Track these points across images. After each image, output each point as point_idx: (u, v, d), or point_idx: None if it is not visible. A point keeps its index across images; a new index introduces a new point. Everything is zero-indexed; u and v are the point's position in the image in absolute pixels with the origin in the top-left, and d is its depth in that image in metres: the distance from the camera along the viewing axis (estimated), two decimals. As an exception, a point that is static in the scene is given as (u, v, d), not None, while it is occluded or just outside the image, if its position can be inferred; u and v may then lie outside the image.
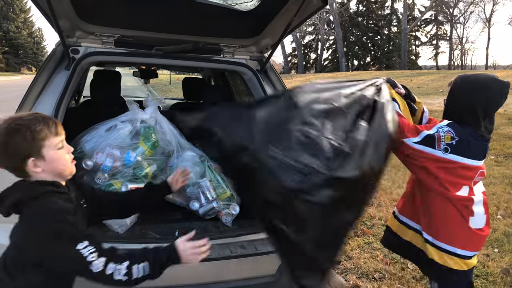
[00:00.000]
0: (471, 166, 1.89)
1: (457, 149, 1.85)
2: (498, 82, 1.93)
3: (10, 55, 54.72)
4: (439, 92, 13.96)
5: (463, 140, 1.86)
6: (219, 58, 2.83)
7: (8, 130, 1.36)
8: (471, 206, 1.91)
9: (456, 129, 1.88)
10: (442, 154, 1.85)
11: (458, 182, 1.90)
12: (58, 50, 2.52)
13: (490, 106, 1.94)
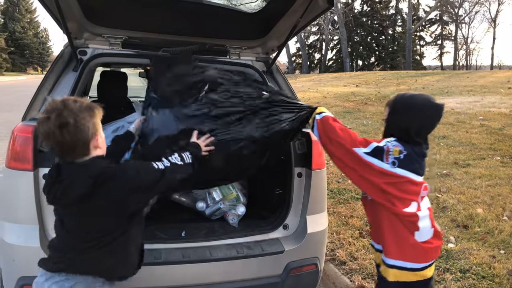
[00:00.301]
0: (417, 181, 1.93)
1: (404, 163, 1.88)
2: (433, 105, 1.97)
3: (16, 55, 55.00)
4: (444, 93, 13.89)
5: (410, 154, 1.89)
6: (226, 59, 2.84)
7: (85, 107, 1.51)
8: (417, 222, 1.92)
9: (403, 144, 1.91)
10: (389, 167, 1.88)
11: (406, 198, 1.92)
12: (66, 51, 2.54)
13: (423, 128, 1.98)
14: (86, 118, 1.50)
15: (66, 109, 1.47)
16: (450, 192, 4.82)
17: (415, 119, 1.93)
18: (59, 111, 1.46)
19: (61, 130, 1.45)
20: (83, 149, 1.53)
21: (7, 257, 2.08)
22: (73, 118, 1.46)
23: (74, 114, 1.47)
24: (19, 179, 2.07)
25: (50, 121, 1.44)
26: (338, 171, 5.86)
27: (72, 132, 1.46)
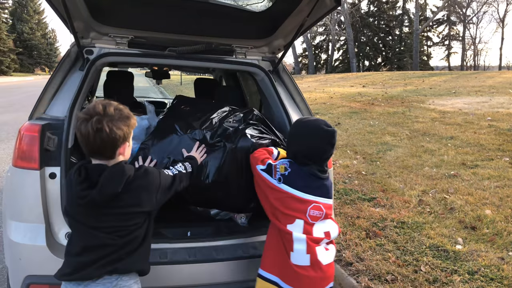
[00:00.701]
0: (301, 198, 1.98)
1: (288, 180, 2.00)
2: (322, 133, 2.03)
3: (24, 56, 55.51)
4: (451, 93, 13.80)
5: (295, 172, 2.01)
6: (232, 59, 2.83)
7: (123, 117, 1.63)
8: (291, 242, 1.94)
9: (292, 164, 2.05)
10: (276, 183, 2.02)
11: (289, 214, 1.97)
12: (72, 51, 2.54)
13: (313, 154, 2.05)
14: (120, 127, 1.61)
15: (106, 116, 1.58)
16: (458, 193, 4.78)
17: (303, 145, 2.06)
18: (99, 116, 1.57)
19: (95, 134, 1.56)
20: (110, 153, 1.64)
21: (14, 256, 2.09)
22: (109, 125, 1.57)
23: (111, 122, 1.58)
24: (25, 178, 2.07)
25: (88, 123, 1.56)
26: (344, 171, 5.85)
27: (105, 138, 1.58)
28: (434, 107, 11.10)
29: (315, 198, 2.00)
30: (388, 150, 7.02)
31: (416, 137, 7.84)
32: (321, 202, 2.01)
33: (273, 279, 1.99)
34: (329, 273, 1.99)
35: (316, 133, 2.04)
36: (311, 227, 1.98)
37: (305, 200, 1.99)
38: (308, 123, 2.13)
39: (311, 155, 2.04)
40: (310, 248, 1.93)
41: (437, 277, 3.08)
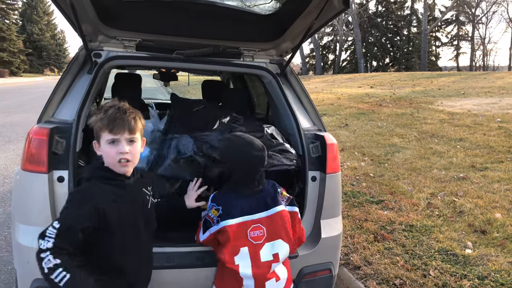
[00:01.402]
0: (239, 223, 1.96)
1: (226, 214, 1.97)
2: (237, 150, 2.03)
3: (34, 57, 56.02)
4: (460, 94, 13.68)
5: (225, 204, 1.99)
6: (239, 62, 2.82)
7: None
8: (241, 280, 1.93)
9: (217, 198, 2.03)
10: (217, 227, 1.98)
11: (234, 245, 1.95)
12: (81, 54, 2.55)
13: (237, 175, 2.03)
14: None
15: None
16: (467, 196, 4.73)
17: (225, 166, 2.09)
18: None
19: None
20: None
21: (22, 259, 2.09)
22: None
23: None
24: (34, 181, 2.07)
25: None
26: (352, 173, 5.81)
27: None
28: (443, 108, 11.01)
29: (251, 217, 1.98)
30: (396, 152, 6.97)
31: (425, 139, 7.78)
32: (259, 218, 1.99)
33: None
34: None
35: (232, 153, 2.05)
36: (257, 250, 1.96)
37: (242, 224, 1.96)
38: (237, 148, 2.07)
39: (234, 172, 2.03)
40: (259, 282, 1.94)
41: (446, 281, 3.05)
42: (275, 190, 2.08)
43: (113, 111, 1.70)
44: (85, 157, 2.46)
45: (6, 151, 7.45)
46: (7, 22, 45.57)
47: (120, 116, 1.69)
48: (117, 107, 1.72)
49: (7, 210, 4.58)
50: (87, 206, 1.60)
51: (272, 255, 1.98)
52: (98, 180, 1.70)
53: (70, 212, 1.60)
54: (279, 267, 2.02)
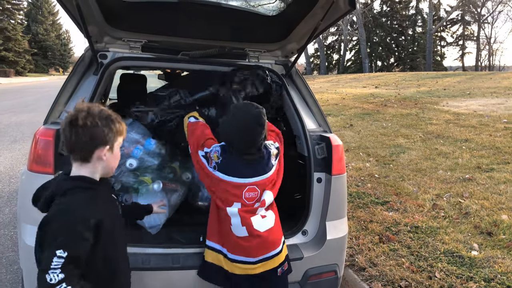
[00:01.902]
0: (235, 183, 2.06)
1: (222, 167, 2.07)
2: (242, 111, 2.11)
3: (39, 57, 56.27)
4: (466, 95, 13.62)
5: (226, 159, 2.08)
6: (245, 62, 2.82)
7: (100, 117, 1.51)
8: (228, 216, 2.05)
9: (223, 149, 2.10)
10: (212, 170, 2.09)
11: (227, 198, 2.06)
12: (86, 55, 2.57)
13: (238, 139, 2.09)
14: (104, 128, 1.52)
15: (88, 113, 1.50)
16: (473, 198, 4.70)
17: (226, 125, 2.15)
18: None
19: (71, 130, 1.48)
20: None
21: (28, 259, 2.10)
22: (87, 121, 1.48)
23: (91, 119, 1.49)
24: (40, 182, 2.07)
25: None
26: (357, 174, 5.80)
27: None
28: (448, 108, 10.96)
29: (249, 180, 2.07)
30: (401, 152, 6.95)
31: (430, 140, 7.75)
32: (257, 182, 2.08)
33: (218, 247, 2.12)
34: (270, 238, 2.08)
35: (236, 112, 2.13)
36: (249, 206, 2.06)
37: (239, 185, 2.06)
38: (236, 105, 2.23)
39: (232, 135, 2.09)
40: (244, 220, 2.03)
41: (452, 284, 3.03)
42: (269, 153, 2.16)
43: (111, 116, 1.57)
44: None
45: (12, 150, 7.49)
46: (12, 22, 45.78)
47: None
48: (108, 113, 1.57)
49: (13, 210, 4.60)
50: (85, 223, 1.44)
51: (260, 202, 2.10)
52: (82, 191, 1.52)
53: (69, 234, 1.40)
54: (268, 211, 2.13)
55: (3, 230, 4.08)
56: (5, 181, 5.67)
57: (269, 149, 2.17)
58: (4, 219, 4.35)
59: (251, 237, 2.04)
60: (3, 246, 3.74)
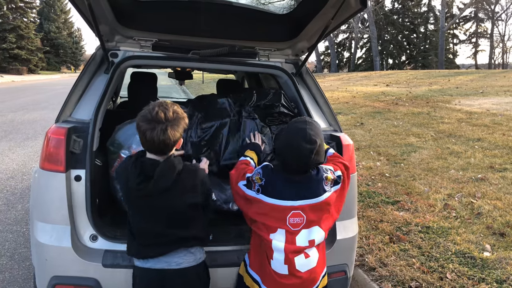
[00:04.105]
0: (279, 206, 1.94)
1: (265, 189, 1.97)
2: (294, 131, 1.97)
3: (51, 55, 56.90)
4: (479, 93, 13.44)
5: (269, 179, 1.98)
6: (255, 61, 2.81)
7: (179, 118, 1.83)
8: (271, 249, 1.94)
9: (266, 170, 2.01)
10: (255, 194, 2.00)
11: (271, 225, 1.95)
12: (98, 54, 2.58)
13: (284, 151, 1.98)
14: (179, 131, 1.83)
15: (168, 121, 1.78)
16: (486, 198, 4.64)
17: (279, 143, 2.07)
18: (162, 125, 1.76)
19: (160, 141, 1.77)
20: (168, 151, 1.86)
21: (40, 256, 2.13)
22: (171, 132, 1.78)
23: (172, 128, 1.79)
24: (52, 180, 2.11)
25: (154, 132, 1.75)
26: (368, 173, 5.76)
27: (168, 142, 1.79)
28: (461, 107, 10.84)
29: (293, 203, 1.93)
30: (412, 151, 6.89)
31: (442, 139, 7.67)
32: (302, 205, 1.94)
33: (255, 277, 2.04)
34: (310, 277, 1.98)
35: (289, 131, 2.01)
36: (293, 236, 1.94)
37: (283, 208, 1.94)
38: (290, 123, 2.09)
39: (283, 153, 1.98)
40: (288, 259, 1.93)
41: (463, 285, 3.00)
42: (321, 177, 2.00)
43: (176, 109, 1.88)
44: (101, 157, 2.48)
45: (25, 147, 7.59)
46: (25, 20, 46.28)
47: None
48: (174, 108, 1.87)
49: (25, 206, 4.66)
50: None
51: (308, 241, 1.96)
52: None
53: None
54: (311, 250, 2.00)
55: (16, 227, 4.13)
56: (18, 177, 5.75)
57: (323, 173, 2.01)
58: (16, 215, 4.42)
59: (290, 276, 1.93)
60: (16, 243, 3.80)
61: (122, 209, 2.56)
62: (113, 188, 2.58)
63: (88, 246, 2.15)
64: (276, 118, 2.78)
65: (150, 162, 1.82)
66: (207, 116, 2.79)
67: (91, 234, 2.16)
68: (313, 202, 1.95)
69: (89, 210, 2.15)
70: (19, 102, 15.46)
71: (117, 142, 2.59)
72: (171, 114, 1.78)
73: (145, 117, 1.77)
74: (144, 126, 1.76)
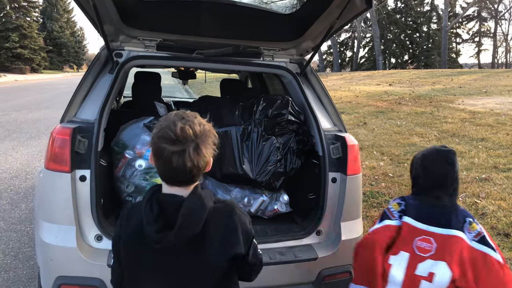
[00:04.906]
0: (414, 228, 1.82)
1: (408, 211, 1.88)
2: (432, 156, 1.90)
3: (54, 54, 57.01)
4: (482, 93, 13.39)
5: (409, 204, 1.91)
6: (259, 61, 2.81)
7: (208, 133, 1.29)
8: (386, 275, 1.77)
9: (404, 198, 1.96)
10: (398, 222, 1.87)
11: (396, 244, 1.82)
12: (102, 54, 2.58)
13: (424, 178, 1.91)
14: (210, 150, 1.30)
15: (198, 138, 1.26)
16: (490, 198, 4.62)
17: (418, 170, 1.95)
18: (194, 144, 1.25)
19: (189, 166, 1.25)
20: (196, 178, 1.31)
21: (45, 257, 2.13)
22: (203, 152, 1.27)
23: (204, 147, 1.27)
24: (57, 180, 2.11)
25: (184, 156, 1.23)
26: (371, 173, 5.75)
27: (198, 166, 1.27)
28: (464, 107, 10.80)
29: (427, 227, 1.80)
30: (415, 151, 6.82)
31: (445, 139, 7.64)
32: (434, 233, 1.79)
33: None
34: None
35: (426, 157, 1.92)
36: (417, 262, 1.76)
37: (414, 229, 1.81)
38: (425, 150, 1.98)
39: (423, 179, 1.90)
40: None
41: (468, 286, 2.98)
42: (464, 217, 1.85)
43: (201, 121, 1.35)
44: (106, 157, 2.48)
45: (28, 147, 7.60)
46: (28, 19, 46.36)
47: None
48: (199, 120, 1.34)
49: (29, 205, 4.67)
50: None
51: (428, 273, 1.75)
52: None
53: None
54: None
55: (20, 226, 4.14)
56: (21, 177, 5.76)
57: (466, 214, 1.86)
58: (20, 215, 4.42)
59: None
60: (20, 242, 3.80)
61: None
62: (117, 188, 2.59)
63: (93, 246, 2.16)
64: (284, 127, 2.74)
65: (171, 200, 1.27)
66: (215, 121, 2.78)
67: (96, 234, 2.16)
68: (446, 233, 1.80)
69: (94, 210, 2.15)
70: (22, 101, 15.49)
71: (122, 142, 2.59)
72: (198, 127, 1.26)
73: (165, 136, 1.23)
74: (168, 149, 1.22)
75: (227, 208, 1.36)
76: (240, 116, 2.77)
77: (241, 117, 2.77)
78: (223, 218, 1.32)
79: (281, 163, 2.68)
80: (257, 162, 2.69)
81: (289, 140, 2.72)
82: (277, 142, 2.72)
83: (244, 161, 2.67)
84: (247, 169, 2.66)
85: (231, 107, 2.82)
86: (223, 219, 1.32)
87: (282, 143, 2.71)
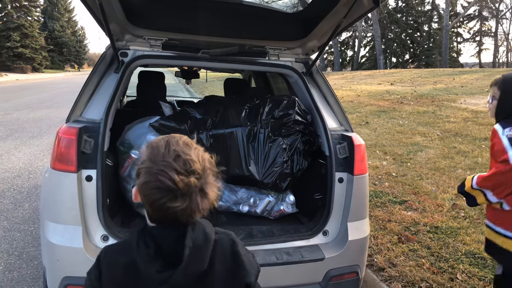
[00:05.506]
0: None
1: None
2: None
3: (55, 53, 57.07)
4: (484, 92, 13.35)
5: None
6: (265, 60, 2.79)
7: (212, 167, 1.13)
8: None
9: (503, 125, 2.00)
10: None
11: None
12: (108, 53, 2.57)
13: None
14: (216, 186, 1.13)
15: (205, 172, 1.09)
16: (494, 198, 4.60)
17: None
18: (202, 181, 1.07)
19: (192, 208, 1.06)
20: (197, 217, 1.11)
21: (51, 257, 2.12)
22: (209, 191, 1.09)
23: (212, 182, 1.11)
24: (63, 180, 2.09)
25: (190, 200, 1.04)
26: (374, 173, 5.74)
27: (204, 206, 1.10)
28: (466, 106, 10.78)
29: None
30: (418, 151, 6.85)
31: (448, 138, 7.63)
32: None
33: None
34: None
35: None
36: None
37: None
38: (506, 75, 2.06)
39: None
40: None
41: (474, 286, 2.97)
42: None
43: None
44: (112, 157, 2.47)
45: (31, 146, 7.59)
46: (29, 19, 46.39)
47: None
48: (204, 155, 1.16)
49: (32, 205, 4.66)
50: None
51: None
52: None
53: None
54: None
55: (23, 225, 4.13)
56: (24, 176, 5.76)
57: None
58: (24, 214, 4.42)
59: None
60: (24, 242, 3.80)
61: (133, 209, 2.56)
62: (123, 188, 2.57)
63: (100, 246, 2.14)
64: (291, 127, 2.71)
65: (172, 234, 1.08)
66: (221, 122, 2.76)
67: (102, 235, 2.15)
68: None
69: (100, 211, 2.14)
70: (24, 101, 15.49)
71: (127, 142, 2.58)
72: (199, 165, 1.07)
73: (160, 187, 1.02)
74: (170, 205, 1.02)
75: (229, 240, 1.21)
76: (247, 117, 2.75)
77: (247, 118, 2.74)
78: (227, 251, 1.18)
79: (287, 164, 2.66)
80: (264, 164, 2.66)
81: (295, 141, 2.70)
82: (283, 143, 2.69)
83: (250, 163, 2.65)
84: (253, 171, 2.64)
85: (237, 108, 2.79)
86: (228, 252, 1.18)
87: (289, 144, 2.69)
